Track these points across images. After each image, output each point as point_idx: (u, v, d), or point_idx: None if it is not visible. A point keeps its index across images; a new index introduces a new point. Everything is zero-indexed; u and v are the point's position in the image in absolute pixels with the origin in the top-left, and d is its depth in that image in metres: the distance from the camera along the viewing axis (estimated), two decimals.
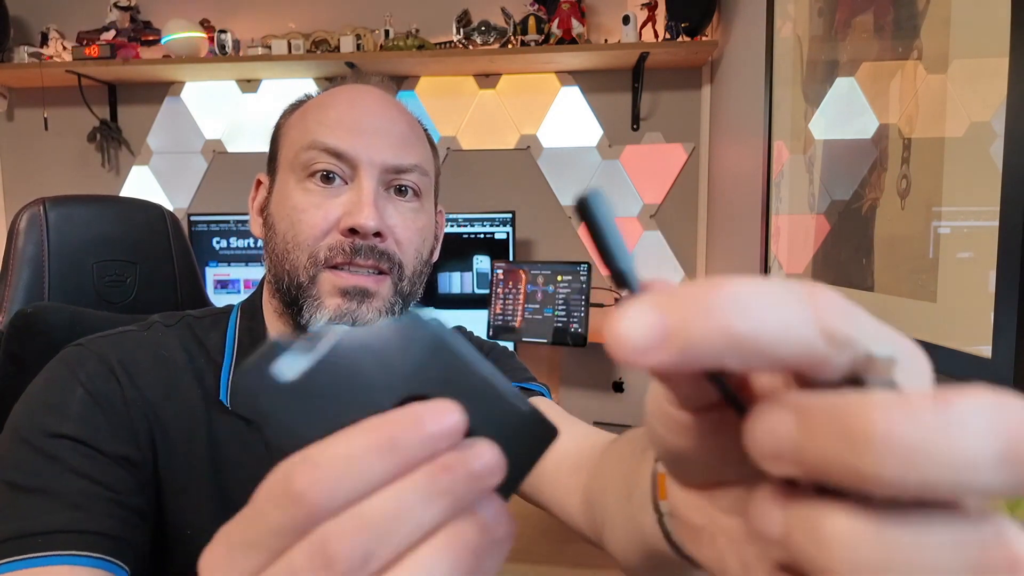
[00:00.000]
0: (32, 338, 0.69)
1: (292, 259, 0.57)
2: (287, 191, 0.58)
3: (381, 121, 0.59)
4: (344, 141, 0.56)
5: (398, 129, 0.59)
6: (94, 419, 0.51)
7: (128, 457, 0.51)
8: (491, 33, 1.68)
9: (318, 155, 0.57)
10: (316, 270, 0.56)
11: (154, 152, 1.96)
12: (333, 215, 0.56)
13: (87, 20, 1.88)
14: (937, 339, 0.63)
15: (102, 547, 0.46)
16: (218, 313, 0.64)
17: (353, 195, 0.57)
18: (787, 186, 1.11)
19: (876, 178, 0.78)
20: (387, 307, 0.58)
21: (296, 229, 0.57)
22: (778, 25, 1.16)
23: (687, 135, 1.80)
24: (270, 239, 0.60)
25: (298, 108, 0.63)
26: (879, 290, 0.76)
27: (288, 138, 0.61)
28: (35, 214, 0.77)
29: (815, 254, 0.97)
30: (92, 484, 0.48)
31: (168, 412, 0.55)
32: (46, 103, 1.93)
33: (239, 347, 0.60)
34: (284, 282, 0.58)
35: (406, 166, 0.59)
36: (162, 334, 0.59)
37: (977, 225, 0.58)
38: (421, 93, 1.87)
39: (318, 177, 0.57)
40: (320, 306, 0.56)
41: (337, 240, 0.56)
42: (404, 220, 0.59)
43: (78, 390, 0.52)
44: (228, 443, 0.57)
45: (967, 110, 0.60)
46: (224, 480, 0.55)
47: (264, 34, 1.82)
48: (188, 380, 0.57)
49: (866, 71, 0.82)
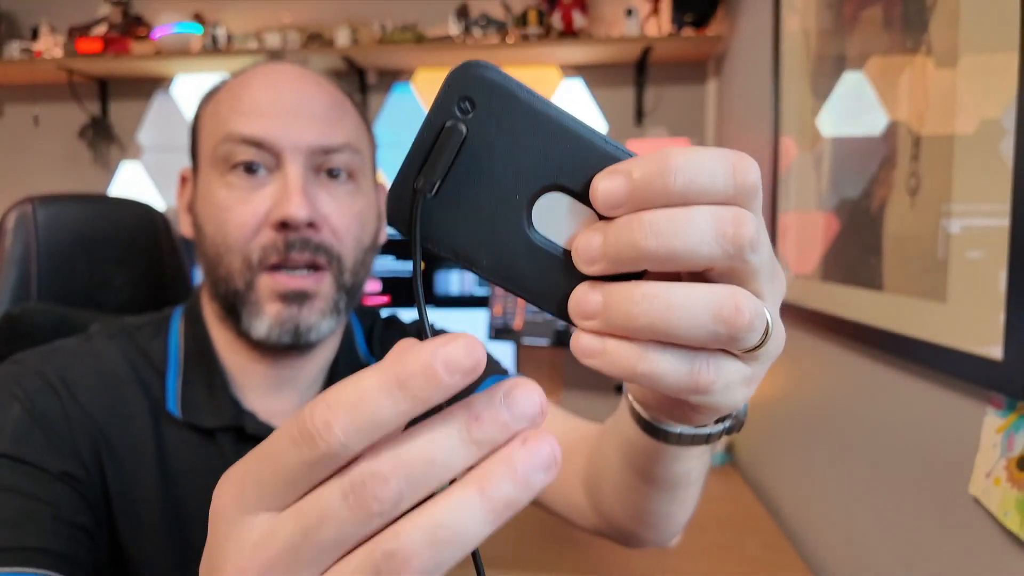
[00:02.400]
0: (19, 339, 0.67)
1: (225, 263, 0.53)
2: (210, 188, 0.55)
3: (301, 100, 0.54)
4: (262, 127, 0.52)
5: (320, 106, 0.55)
6: (31, 436, 0.48)
7: (70, 473, 0.49)
8: (491, 26, 1.66)
9: (236, 146, 0.53)
10: (251, 274, 0.53)
11: (145, 149, 1.95)
12: (261, 209, 0.53)
13: (79, 14, 1.86)
14: (947, 340, 0.62)
15: (45, 563, 0.43)
16: (159, 319, 0.61)
17: (279, 185, 0.53)
18: (795, 183, 1.09)
19: (885, 175, 0.77)
20: (330, 306, 0.55)
21: (224, 231, 0.53)
22: (785, 18, 1.14)
23: (692, 131, 1.78)
24: (200, 241, 0.56)
25: (213, 96, 0.58)
26: (888, 290, 0.75)
27: (205, 130, 0.57)
28: (24, 213, 0.75)
29: (824, 253, 0.95)
30: (31, 501, 0.45)
31: (113, 426, 0.52)
32: (36, 100, 1.92)
33: (185, 355, 0.57)
34: (221, 288, 0.55)
35: (334, 146, 0.55)
36: (103, 345, 0.56)
37: (988, 224, 0.57)
38: (418, 87, 1.85)
39: (240, 169, 0.53)
40: (260, 312, 0.53)
41: (269, 238, 0.53)
42: (339, 206, 0.55)
43: (14, 407, 0.49)
44: (179, 455, 0.54)
45: (977, 106, 0.58)
46: (176, 492, 0.53)
47: (258, 28, 1.80)
48: (133, 392, 0.54)
49: (874, 66, 0.81)
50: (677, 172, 0.20)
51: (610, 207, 0.20)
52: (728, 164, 0.20)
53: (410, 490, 0.18)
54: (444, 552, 0.17)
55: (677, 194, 0.20)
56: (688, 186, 0.20)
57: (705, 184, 0.20)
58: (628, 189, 0.20)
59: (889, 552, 0.76)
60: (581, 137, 0.21)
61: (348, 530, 0.18)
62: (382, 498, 0.17)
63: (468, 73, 0.20)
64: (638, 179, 0.20)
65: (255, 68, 0.57)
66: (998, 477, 0.55)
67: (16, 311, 0.68)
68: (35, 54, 1.79)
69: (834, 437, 0.93)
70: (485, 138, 0.21)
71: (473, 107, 0.20)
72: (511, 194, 0.21)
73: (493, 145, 0.21)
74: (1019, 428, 0.53)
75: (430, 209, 0.21)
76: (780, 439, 1.17)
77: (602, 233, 0.21)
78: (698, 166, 0.20)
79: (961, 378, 0.61)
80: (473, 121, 0.20)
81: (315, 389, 0.63)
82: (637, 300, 0.20)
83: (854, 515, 0.85)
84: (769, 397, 1.23)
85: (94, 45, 1.74)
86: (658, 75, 1.77)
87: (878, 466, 0.79)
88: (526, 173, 0.21)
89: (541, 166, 0.21)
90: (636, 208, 0.20)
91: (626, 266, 0.20)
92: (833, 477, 0.93)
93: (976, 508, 0.59)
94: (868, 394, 0.82)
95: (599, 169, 0.20)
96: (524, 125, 0.20)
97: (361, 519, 0.17)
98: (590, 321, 0.21)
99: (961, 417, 0.62)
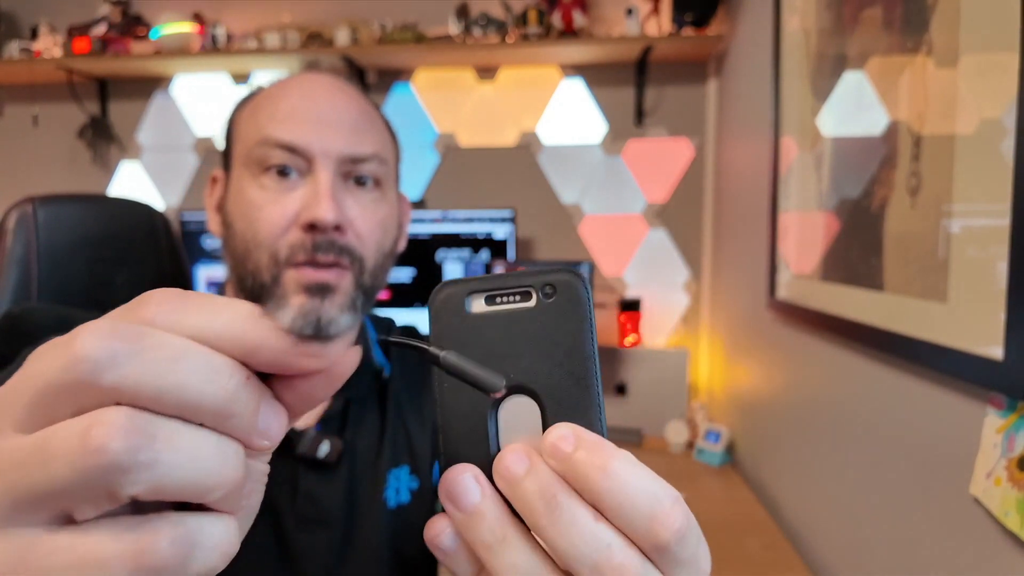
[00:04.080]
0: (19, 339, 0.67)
1: (254, 259, 0.56)
2: (242, 188, 0.57)
3: (334, 110, 0.57)
4: (296, 134, 0.55)
5: (352, 117, 0.58)
6: None
7: None
8: (491, 26, 1.66)
9: (271, 150, 0.55)
10: (278, 270, 0.55)
11: (145, 149, 1.94)
12: (291, 210, 0.55)
13: (78, 14, 1.86)
14: (947, 340, 0.62)
15: None
16: None
17: (310, 189, 0.55)
18: (795, 183, 1.09)
19: (886, 175, 0.77)
20: (349, 302, 0.57)
21: (255, 228, 0.55)
22: (785, 18, 1.14)
23: (692, 131, 1.78)
24: (229, 238, 0.59)
25: (249, 101, 0.61)
26: (889, 290, 0.75)
27: (241, 133, 0.59)
28: (24, 213, 0.75)
29: (825, 253, 0.95)
30: None
31: None
32: (35, 99, 1.92)
33: None
34: (247, 282, 0.57)
35: (363, 155, 0.57)
36: None
37: (988, 224, 0.57)
38: (418, 87, 1.85)
39: (273, 172, 0.56)
40: (285, 304, 0.56)
41: (297, 237, 0.55)
42: (364, 212, 0.58)
43: None
44: None
45: (977, 106, 0.58)
46: None
47: (257, 27, 1.80)
48: None
49: (875, 65, 0.81)
50: (608, 478, 0.21)
51: (548, 453, 0.22)
52: (650, 508, 0.21)
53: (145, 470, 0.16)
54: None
55: (594, 492, 0.21)
56: (604, 494, 0.21)
57: (621, 510, 0.21)
58: (570, 454, 0.21)
59: (889, 552, 0.76)
60: (591, 388, 0.23)
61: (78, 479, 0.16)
62: (116, 449, 0.16)
63: (573, 276, 0.23)
64: (579, 455, 0.21)
65: (292, 77, 0.60)
66: (998, 477, 0.55)
67: (16, 311, 0.68)
68: (35, 54, 1.79)
69: (834, 437, 0.93)
70: (535, 321, 0.23)
71: (552, 296, 0.23)
72: (508, 370, 0.23)
73: (534, 330, 0.23)
74: (1019, 428, 0.53)
75: (458, 318, 0.24)
76: (780, 439, 1.17)
77: (527, 469, 0.21)
78: (625, 491, 0.21)
79: (961, 378, 0.61)
80: (542, 303, 0.23)
81: None
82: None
83: (854, 515, 0.85)
84: (769, 397, 1.23)
85: (94, 45, 1.74)
86: (658, 75, 1.77)
87: (878, 466, 0.79)
88: (532, 368, 0.23)
89: (547, 375, 0.23)
90: (562, 472, 0.21)
91: (516, 507, 0.22)
92: (833, 477, 0.93)
93: (976, 508, 0.59)
94: (868, 394, 0.82)
95: (573, 420, 0.23)
96: (567, 340, 0.23)
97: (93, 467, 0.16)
98: (501, 479, 0.22)
99: (961, 417, 0.62)
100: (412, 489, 0.64)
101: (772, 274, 1.17)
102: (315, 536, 0.58)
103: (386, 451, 0.64)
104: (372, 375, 0.66)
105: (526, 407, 0.23)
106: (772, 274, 1.17)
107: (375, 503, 0.62)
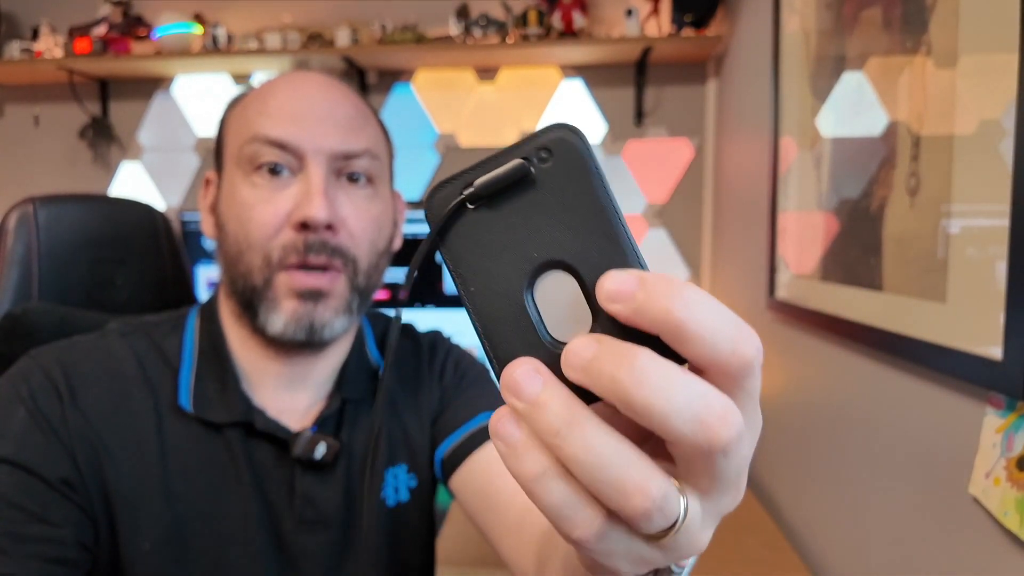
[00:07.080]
0: (20, 339, 0.67)
1: (246, 260, 0.55)
2: (234, 187, 0.56)
3: (325, 106, 0.56)
4: (287, 130, 0.55)
5: (343, 113, 0.57)
6: (33, 440, 0.50)
7: (68, 480, 0.50)
8: (491, 27, 1.66)
9: (261, 148, 0.55)
10: (270, 272, 0.55)
11: (146, 149, 1.95)
12: (283, 209, 0.55)
13: (79, 14, 1.86)
14: (947, 340, 0.62)
15: None
16: (176, 317, 0.63)
17: (302, 186, 0.55)
18: (795, 183, 1.10)
19: (885, 175, 0.77)
20: (344, 306, 0.57)
21: (247, 228, 0.55)
22: (784, 18, 1.14)
23: (692, 131, 1.78)
24: (222, 240, 0.58)
25: (240, 101, 0.61)
26: (888, 290, 0.75)
27: (231, 132, 0.59)
28: (25, 213, 0.75)
29: (824, 253, 0.95)
30: (21, 513, 0.47)
31: (114, 427, 0.54)
32: (36, 100, 1.92)
33: (200, 351, 0.59)
34: (239, 285, 0.56)
35: (355, 151, 0.57)
36: (115, 343, 0.58)
37: (987, 224, 0.57)
38: (418, 88, 1.85)
39: (264, 170, 0.55)
40: (277, 309, 0.55)
41: (289, 238, 0.54)
42: (357, 210, 0.57)
43: (20, 410, 0.51)
44: (184, 449, 0.55)
45: (977, 106, 0.59)
46: (177, 489, 0.54)
47: (258, 28, 1.80)
48: (138, 390, 0.56)
49: (874, 66, 0.81)
50: (686, 306, 0.19)
51: (610, 300, 0.20)
52: (732, 329, 0.20)
53: None
54: None
55: (673, 323, 0.19)
56: (686, 323, 0.19)
57: (704, 336, 0.20)
58: (634, 292, 0.20)
59: (889, 552, 0.76)
60: (620, 238, 0.22)
61: None
62: None
63: (563, 131, 0.22)
64: (647, 291, 0.20)
65: (282, 75, 0.60)
66: (998, 477, 0.55)
67: (17, 311, 0.69)
68: (35, 54, 1.79)
69: (834, 437, 0.93)
70: (540, 190, 0.22)
71: (548, 159, 0.22)
72: (530, 250, 0.22)
73: (542, 200, 0.22)
74: (1019, 428, 0.53)
75: (462, 217, 0.22)
76: (780, 439, 1.17)
77: (596, 350, 0.20)
78: (705, 316, 0.19)
79: (961, 378, 0.61)
80: (541, 170, 0.22)
81: (326, 389, 0.64)
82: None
83: (854, 515, 0.85)
84: (769, 397, 1.23)
85: (94, 45, 1.74)
86: (658, 75, 1.77)
87: (878, 466, 0.79)
88: (554, 240, 0.22)
89: (570, 241, 0.22)
90: (630, 316, 0.20)
91: (597, 391, 0.20)
92: (833, 477, 0.93)
93: (976, 508, 0.59)
94: (868, 394, 0.82)
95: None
96: (578, 200, 0.22)
97: None
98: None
99: (961, 417, 0.62)
100: (411, 487, 0.64)
101: (771, 274, 1.18)
102: (314, 537, 0.58)
103: (383, 450, 0.64)
104: (369, 375, 0.66)
105: (561, 281, 0.22)
106: (771, 274, 1.18)
107: (373, 502, 0.62)
